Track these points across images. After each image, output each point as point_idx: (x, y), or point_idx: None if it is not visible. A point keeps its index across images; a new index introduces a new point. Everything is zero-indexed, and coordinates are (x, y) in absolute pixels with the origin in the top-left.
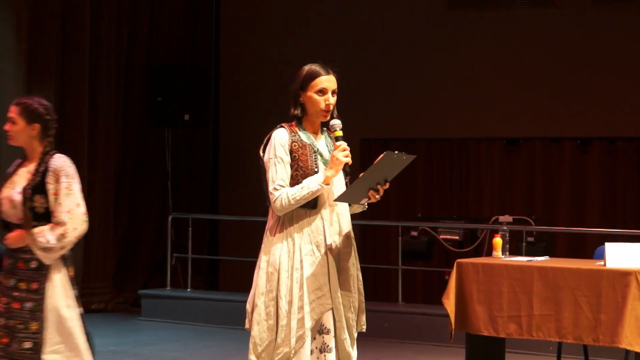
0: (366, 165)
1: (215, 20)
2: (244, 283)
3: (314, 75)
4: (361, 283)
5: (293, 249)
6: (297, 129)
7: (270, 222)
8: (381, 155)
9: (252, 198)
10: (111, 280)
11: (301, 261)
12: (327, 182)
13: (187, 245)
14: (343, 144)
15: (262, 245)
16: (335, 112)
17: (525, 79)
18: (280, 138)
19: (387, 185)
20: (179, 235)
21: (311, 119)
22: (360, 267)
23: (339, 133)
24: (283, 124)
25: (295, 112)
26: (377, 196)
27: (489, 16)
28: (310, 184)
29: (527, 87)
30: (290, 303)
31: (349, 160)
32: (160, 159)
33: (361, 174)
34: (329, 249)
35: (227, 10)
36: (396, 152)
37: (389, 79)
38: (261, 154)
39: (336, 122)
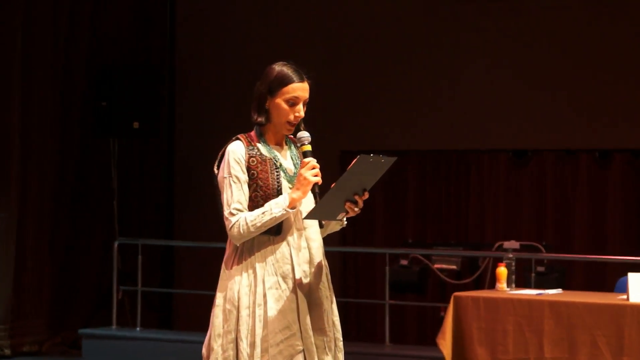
0: None
1: (170, 12)
2: (203, 321)
3: (286, 81)
4: (337, 318)
5: (254, 282)
6: (256, 141)
7: (227, 251)
8: (354, 160)
9: (213, 221)
10: (47, 317)
11: (264, 296)
12: (292, 205)
13: (137, 276)
14: (312, 161)
15: (219, 279)
16: (302, 124)
17: (536, 82)
18: (235, 153)
19: (367, 195)
20: (126, 265)
21: (274, 129)
22: (341, 302)
23: (307, 147)
24: (239, 135)
25: (259, 119)
26: (356, 209)
27: (495, 7)
28: (273, 209)
29: (538, 91)
30: (252, 345)
31: (318, 179)
32: (105, 174)
33: (333, 184)
34: (297, 280)
35: (185, 2)
36: (372, 154)
37: (374, 80)
38: (215, 171)
39: (304, 135)
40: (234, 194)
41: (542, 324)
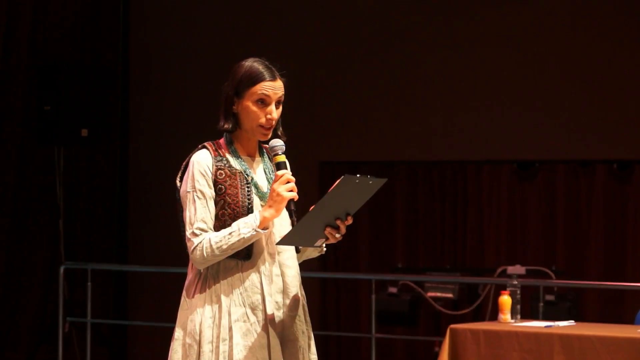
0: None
1: (123, 5)
2: (161, 357)
3: (254, 79)
4: (315, 357)
5: (219, 314)
6: (225, 151)
7: (189, 277)
8: (338, 181)
9: (173, 242)
10: None
11: (230, 329)
12: (264, 225)
13: (86, 306)
14: (286, 174)
15: (179, 309)
16: (281, 128)
17: (545, 84)
18: (200, 164)
19: (350, 221)
20: (74, 293)
21: (246, 135)
22: (320, 335)
23: (281, 158)
24: (206, 144)
25: (226, 125)
26: (338, 235)
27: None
28: (242, 229)
29: (547, 95)
30: None
31: (293, 195)
32: (49, 188)
33: (312, 207)
34: (268, 313)
35: None
36: (358, 175)
37: (358, 82)
38: (178, 184)
39: (277, 144)
40: (198, 211)
41: None
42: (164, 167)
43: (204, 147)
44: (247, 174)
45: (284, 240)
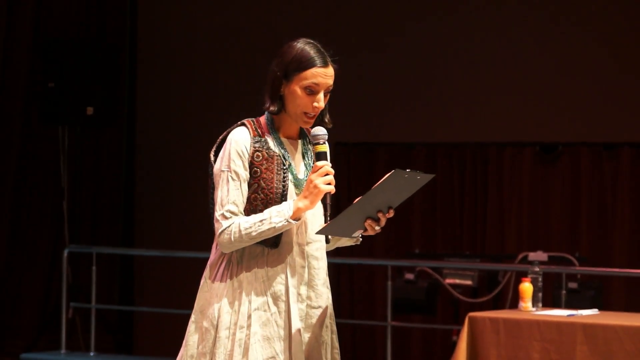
0: (341, 177)
1: None
2: (168, 345)
3: (306, 63)
4: (337, 352)
5: (239, 300)
6: (265, 131)
7: (211, 257)
8: (387, 175)
9: (182, 225)
10: None
11: (249, 317)
12: (297, 216)
13: (90, 291)
14: (326, 165)
15: (199, 290)
16: (327, 115)
17: (568, 63)
18: (238, 143)
19: (392, 214)
20: (78, 277)
21: (289, 119)
22: (335, 323)
23: (323, 148)
24: (246, 121)
25: (272, 107)
26: (377, 227)
27: None
28: (274, 217)
29: (570, 76)
30: None
31: (331, 188)
32: (53, 170)
33: (357, 199)
34: (291, 304)
35: None
36: (408, 170)
37: (377, 62)
38: (212, 158)
39: (320, 132)
40: (231, 193)
41: (574, 351)
42: (172, 146)
43: (244, 124)
44: (284, 159)
45: (324, 230)
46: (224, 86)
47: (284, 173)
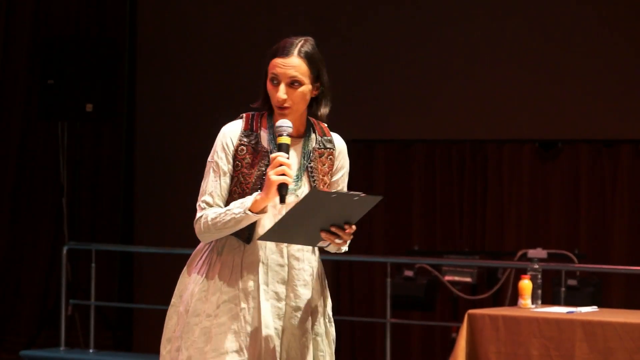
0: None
1: None
2: None
3: (270, 56)
4: (323, 355)
5: (212, 289)
6: (262, 125)
7: (199, 245)
8: (306, 194)
9: (181, 222)
10: None
11: (218, 307)
12: (256, 208)
13: (89, 288)
14: (280, 157)
15: (180, 275)
16: (321, 109)
17: (568, 62)
18: (225, 136)
19: (352, 229)
20: (77, 274)
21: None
22: (334, 320)
23: (284, 140)
24: (245, 114)
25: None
26: (338, 240)
27: None
28: (235, 209)
29: (570, 72)
30: None
31: (283, 179)
32: (52, 166)
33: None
34: (264, 302)
35: None
36: (335, 192)
37: (374, 58)
38: None
39: (282, 124)
40: (209, 184)
41: (573, 348)
42: (171, 143)
43: (241, 117)
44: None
45: (262, 237)
46: (223, 82)
47: (267, 168)
